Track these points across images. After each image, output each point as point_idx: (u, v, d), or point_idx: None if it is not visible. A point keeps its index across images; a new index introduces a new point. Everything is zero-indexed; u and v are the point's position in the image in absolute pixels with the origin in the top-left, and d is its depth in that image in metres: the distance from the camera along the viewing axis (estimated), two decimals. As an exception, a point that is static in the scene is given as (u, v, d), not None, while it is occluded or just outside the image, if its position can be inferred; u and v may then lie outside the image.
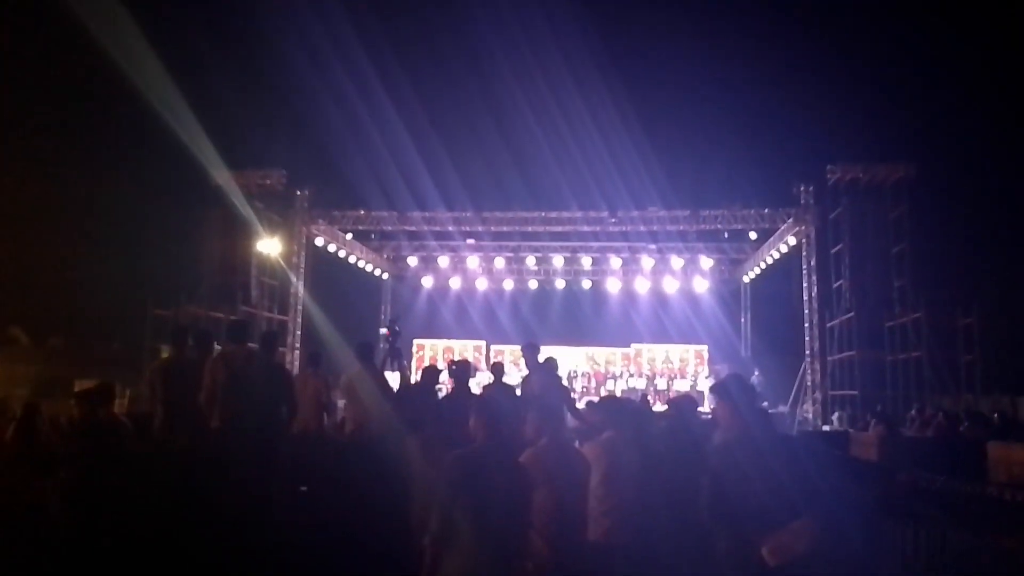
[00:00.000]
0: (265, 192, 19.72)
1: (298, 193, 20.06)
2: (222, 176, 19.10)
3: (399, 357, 8.45)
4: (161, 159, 19.47)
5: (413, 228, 20.58)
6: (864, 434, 9.19)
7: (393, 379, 6.82)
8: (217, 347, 6.60)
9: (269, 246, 19.49)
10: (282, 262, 19.98)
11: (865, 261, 18.31)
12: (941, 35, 18.92)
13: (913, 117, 18.78)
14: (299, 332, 19.73)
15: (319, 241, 20.50)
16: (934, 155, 18.40)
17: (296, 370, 16.65)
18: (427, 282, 25.53)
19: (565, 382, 22.23)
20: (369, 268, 24.41)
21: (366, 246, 23.47)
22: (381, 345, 9.69)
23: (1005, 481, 7.40)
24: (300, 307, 20.00)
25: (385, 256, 25.13)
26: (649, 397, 18.90)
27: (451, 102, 21.74)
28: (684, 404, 4.76)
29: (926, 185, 18.11)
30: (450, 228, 20.08)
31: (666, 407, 5.59)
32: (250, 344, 6.14)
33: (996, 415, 9.66)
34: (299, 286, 20.02)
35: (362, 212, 20.11)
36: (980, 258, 18.70)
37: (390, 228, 20.61)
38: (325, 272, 21.46)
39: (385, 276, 26.17)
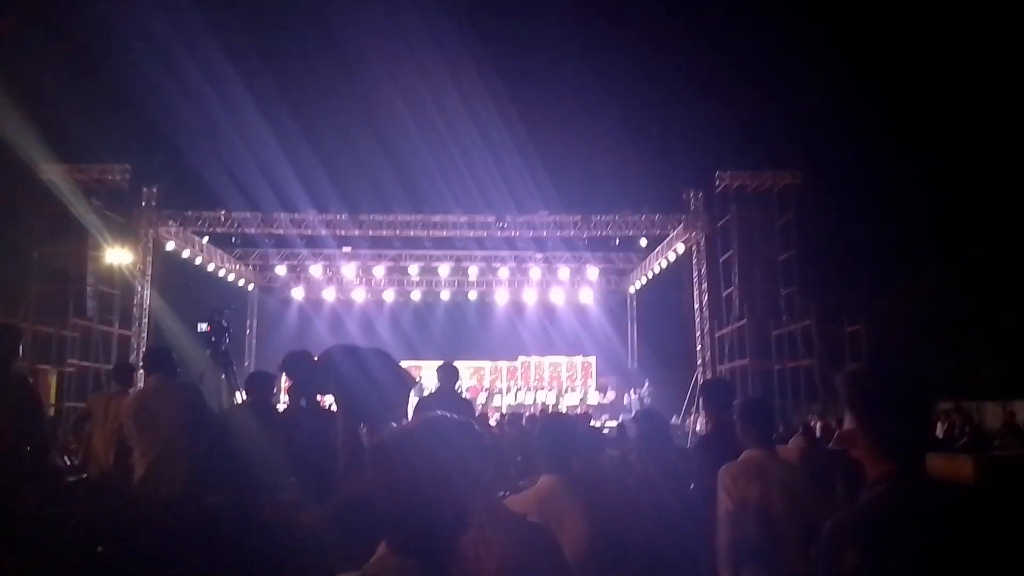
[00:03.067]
0: (105, 189, 17.19)
1: (144, 190, 17.64)
2: (53, 170, 16.48)
3: (228, 365, 5.73)
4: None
5: (280, 232, 18.58)
6: (783, 447, 8.39)
7: (216, 395, 5.05)
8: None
9: (112, 252, 16.97)
10: (125, 269, 17.46)
11: (754, 268, 18.11)
12: (829, 45, 19.16)
13: (800, 125, 18.88)
14: (144, 349, 17.21)
15: (170, 245, 18.12)
16: (820, 163, 18.55)
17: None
18: (298, 293, 23.45)
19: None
20: (231, 278, 22.06)
21: (227, 253, 21.14)
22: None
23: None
24: (146, 320, 17.51)
25: (250, 265, 22.84)
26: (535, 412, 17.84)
27: (318, 97, 19.99)
28: (657, 422, 3.59)
29: (813, 192, 18.17)
30: (322, 232, 18.25)
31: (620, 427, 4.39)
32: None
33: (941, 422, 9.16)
34: (145, 296, 17.55)
35: (221, 213, 17.94)
36: (867, 265, 18.97)
37: (253, 231, 18.51)
38: (178, 282, 18.98)
39: (251, 287, 23.83)
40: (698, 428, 18.20)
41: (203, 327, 5.11)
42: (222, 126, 16.39)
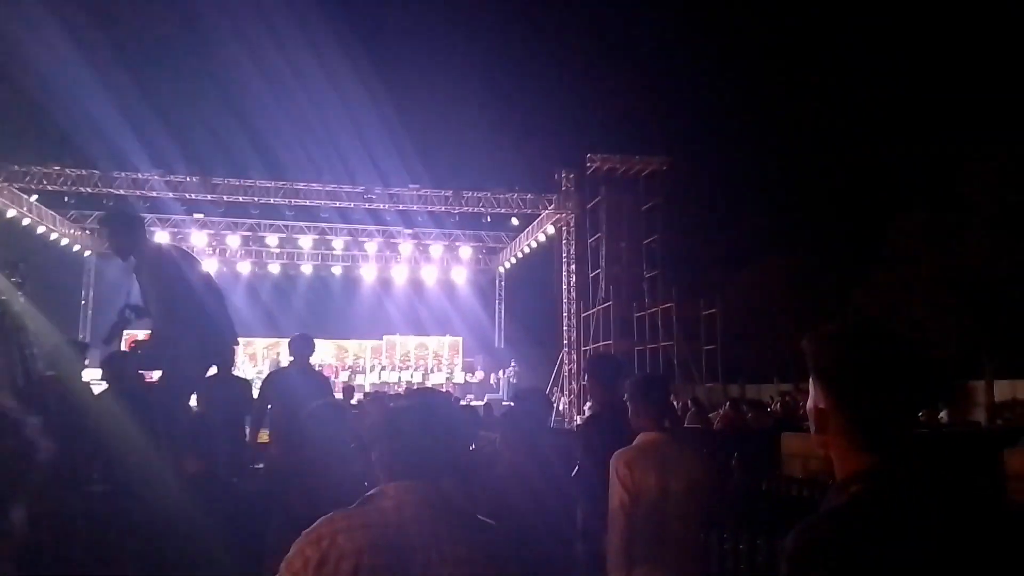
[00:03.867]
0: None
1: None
2: None
3: (20, 333, 4.01)
4: None
5: (120, 192, 16.82)
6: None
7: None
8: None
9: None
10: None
11: (620, 251, 18.44)
12: (700, 38, 19.70)
13: (669, 113, 19.35)
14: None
15: (-11, 203, 15.95)
16: (686, 150, 19.10)
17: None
18: (142, 262, 21.47)
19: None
20: (64, 242, 19.86)
21: (60, 215, 18.98)
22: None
23: (801, 476, 6.71)
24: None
25: (86, 229, 20.64)
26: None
27: (161, 52, 18.32)
28: (530, 402, 3.20)
29: (678, 178, 18.69)
30: (169, 195, 16.69)
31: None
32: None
33: (777, 403, 9.48)
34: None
35: (53, 169, 15.98)
36: (723, 249, 19.78)
37: (89, 191, 16.64)
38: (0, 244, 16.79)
39: (88, 253, 21.60)
40: (561, 407, 18.41)
41: None
42: (52, 75, 14.57)
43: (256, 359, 20.59)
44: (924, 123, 19.79)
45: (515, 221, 19.13)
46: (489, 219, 18.62)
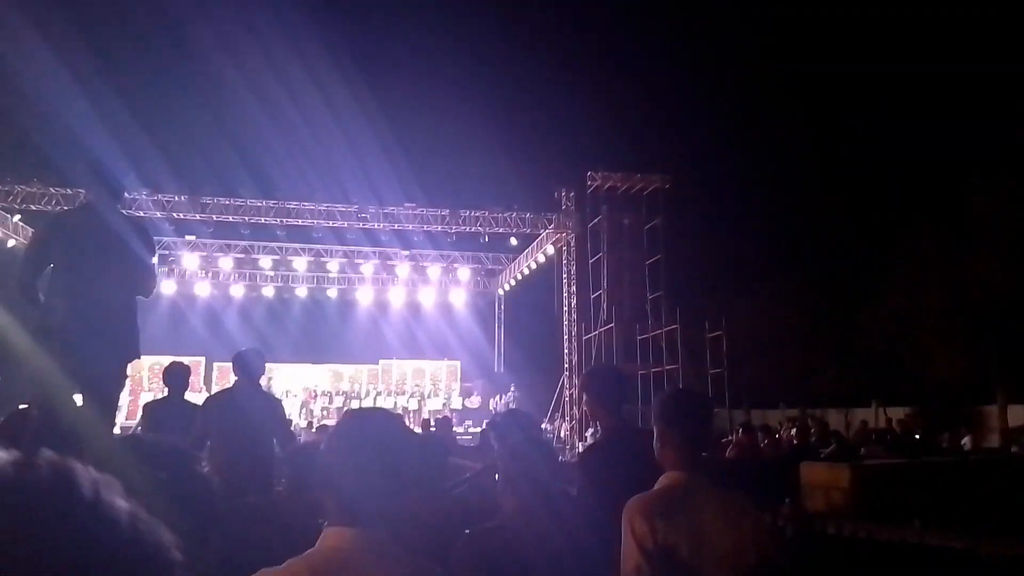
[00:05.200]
0: None
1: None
2: None
3: None
4: None
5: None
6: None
7: None
8: None
9: None
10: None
11: (622, 272, 17.92)
12: (702, 54, 19.35)
13: (670, 130, 18.95)
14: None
15: (-31, 223, 15.48)
16: (688, 168, 18.65)
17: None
18: (132, 285, 20.92)
19: (297, 405, 19.39)
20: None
21: (46, 236, 18.46)
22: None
23: (824, 509, 6.11)
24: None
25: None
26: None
27: (146, 68, 17.85)
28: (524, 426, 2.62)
29: (680, 197, 18.21)
30: (157, 215, 16.19)
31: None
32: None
33: (791, 429, 8.85)
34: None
35: (34, 186, 15.51)
36: (728, 270, 19.24)
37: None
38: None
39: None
40: (562, 434, 17.74)
41: None
42: (34, 91, 14.17)
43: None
44: (934, 144, 19.40)
45: (514, 241, 18.60)
46: (487, 239, 18.11)
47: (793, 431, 8.17)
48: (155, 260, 3.98)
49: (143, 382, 18.44)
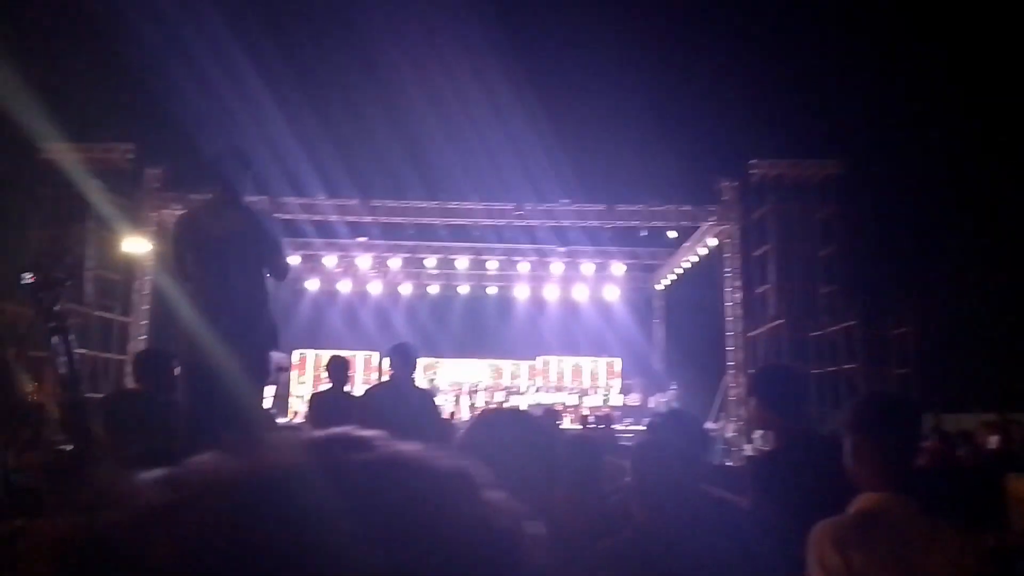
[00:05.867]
0: (107, 169, 16.44)
1: (147, 172, 16.85)
2: (52, 149, 15.77)
3: (60, 330, 3.72)
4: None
5: (289, 216, 17.67)
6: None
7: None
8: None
9: (118, 238, 16.20)
10: (127, 254, 16.70)
11: (791, 265, 16.88)
12: (871, 24, 17.80)
13: (841, 111, 17.54)
14: (143, 337, 16.42)
15: (175, 230, 17.31)
16: (865, 151, 17.16)
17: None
18: (311, 285, 22.55)
19: (462, 398, 20.07)
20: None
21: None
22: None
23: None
24: (146, 308, 16.70)
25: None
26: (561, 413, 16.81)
27: (332, 79, 18.92)
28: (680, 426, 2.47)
29: (856, 183, 16.87)
30: (333, 218, 17.30)
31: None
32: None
33: (994, 436, 7.87)
34: (145, 282, 16.75)
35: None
36: (915, 262, 17.56)
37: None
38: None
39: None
40: (727, 436, 17.00)
41: (27, 278, 3.76)
42: (230, 105, 15.51)
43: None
44: None
45: (673, 234, 18.05)
46: (645, 233, 17.71)
47: (994, 438, 7.25)
48: (284, 244, 4.23)
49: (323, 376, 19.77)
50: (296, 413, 17.99)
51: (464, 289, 23.02)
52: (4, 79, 13.59)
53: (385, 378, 9.55)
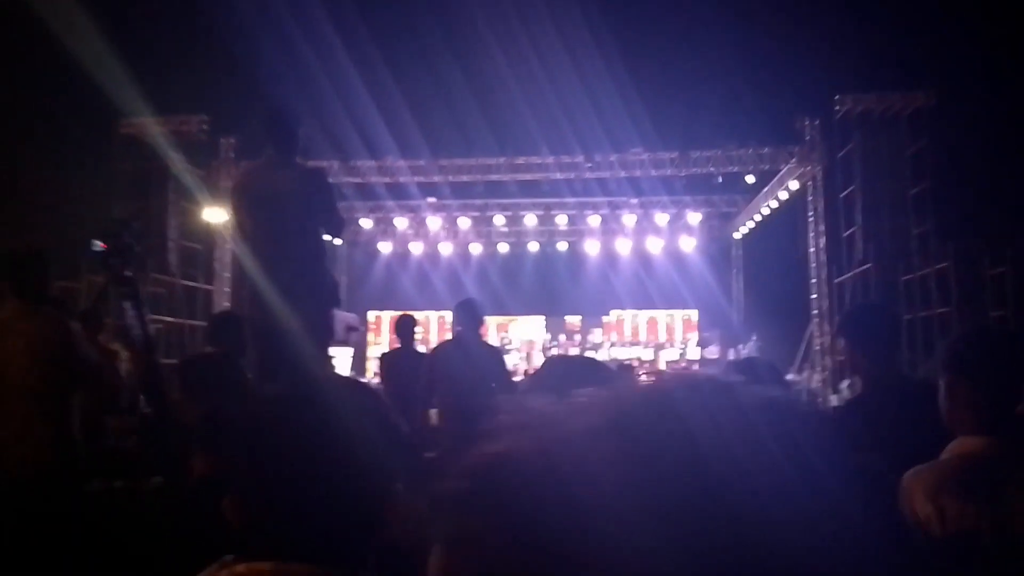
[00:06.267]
0: (183, 141, 16.89)
1: (222, 142, 17.23)
2: (132, 123, 16.29)
3: (133, 296, 4.02)
4: (57, 101, 16.54)
5: (359, 180, 17.80)
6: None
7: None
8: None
9: (199, 208, 16.74)
10: (207, 223, 17.24)
11: (880, 205, 15.96)
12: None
13: (931, 39, 16.21)
14: (227, 304, 17.01)
15: (250, 198, 17.73)
16: (957, 81, 15.88)
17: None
18: (384, 248, 22.82)
19: (534, 355, 20.01)
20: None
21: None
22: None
23: None
24: (228, 275, 17.25)
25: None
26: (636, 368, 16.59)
27: (408, 35, 18.68)
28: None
29: (949, 115, 15.67)
30: (402, 179, 17.34)
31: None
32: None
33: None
34: (225, 250, 17.27)
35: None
36: (1013, 198, 16.31)
37: (332, 180, 17.79)
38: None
39: (337, 241, 23.42)
40: (813, 386, 16.41)
41: (98, 245, 3.88)
42: (302, 71, 15.58)
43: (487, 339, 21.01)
44: None
45: (751, 179, 17.29)
46: (721, 179, 17.04)
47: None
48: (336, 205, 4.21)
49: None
50: (373, 374, 18.35)
51: (534, 247, 22.86)
52: (85, 55, 14.05)
53: (451, 336, 9.55)
